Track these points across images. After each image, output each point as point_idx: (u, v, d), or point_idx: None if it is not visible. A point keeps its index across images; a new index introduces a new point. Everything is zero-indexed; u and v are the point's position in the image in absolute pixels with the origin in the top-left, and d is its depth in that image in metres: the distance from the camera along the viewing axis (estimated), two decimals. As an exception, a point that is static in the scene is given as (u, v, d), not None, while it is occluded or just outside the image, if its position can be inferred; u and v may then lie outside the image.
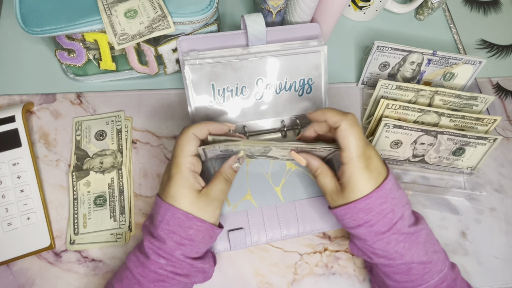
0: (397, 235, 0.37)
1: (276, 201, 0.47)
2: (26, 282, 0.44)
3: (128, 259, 0.39)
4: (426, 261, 0.38)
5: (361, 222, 0.38)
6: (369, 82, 0.57)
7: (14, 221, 0.45)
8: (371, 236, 0.38)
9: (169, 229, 0.37)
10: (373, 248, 0.39)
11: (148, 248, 0.38)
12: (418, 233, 0.38)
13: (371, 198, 0.37)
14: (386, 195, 0.37)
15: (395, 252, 0.38)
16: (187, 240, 0.38)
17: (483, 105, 0.52)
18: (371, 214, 0.37)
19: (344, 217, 0.39)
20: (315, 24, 0.50)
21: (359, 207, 0.37)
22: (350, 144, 0.37)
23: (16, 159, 0.47)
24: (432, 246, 0.39)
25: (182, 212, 0.37)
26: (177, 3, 0.45)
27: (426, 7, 0.62)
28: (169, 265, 0.37)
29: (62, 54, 0.49)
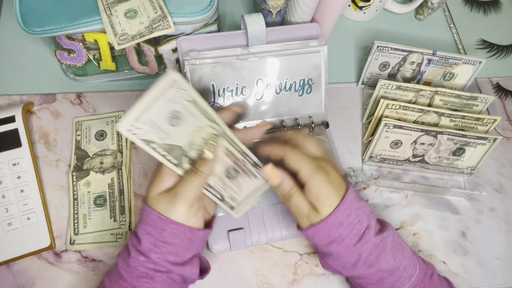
0: (366, 245, 0.37)
1: (277, 200, 0.47)
2: (26, 282, 0.44)
3: (118, 255, 0.39)
4: (394, 267, 0.38)
5: (332, 238, 0.38)
6: (369, 82, 0.57)
7: (14, 221, 0.45)
8: (343, 250, 0.38)
9: (145, 229, 0.37)
10: (345, 262, 0.39)
11: (130, 245, 0.38)
12: (385, 240, 0.38)
13: (339, 212, 0.37)
14: (350, 206, 0.38)
15: (364, 263, 0.38)
16: (162, 243, 0.36)
17: (483, 105, 0.52)
18: (342, 228, 0.37)
19: (315, 236, 0.39)
20: (315, 24, 0.50)
21: (330, 223, 0.37)
22: (302, 162, 0.38)
23: (16, 159, 0.47)
24: (400, 250, 0.39)
25: (156, 214, 0.36)
26: (177, 3, 0.45)
27: (426, 7, 0.62)
28: (148, 263, 0.37)
29: (62, 54, 0.49)
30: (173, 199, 0.36)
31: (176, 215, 0.36)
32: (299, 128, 0.50)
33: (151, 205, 0.37)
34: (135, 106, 0.32)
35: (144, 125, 0.33)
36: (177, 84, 0.35)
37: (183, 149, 0.37)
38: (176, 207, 0.36)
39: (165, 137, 0.35)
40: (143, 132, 0.33)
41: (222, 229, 0.46)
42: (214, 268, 0.46)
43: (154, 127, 0.34)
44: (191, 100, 0.36)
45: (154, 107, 0.33)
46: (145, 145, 0.34)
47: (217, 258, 0.46)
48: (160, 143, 0.35)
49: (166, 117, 0.35)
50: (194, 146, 0.38)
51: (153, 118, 0.34)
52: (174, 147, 0.36)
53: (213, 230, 0.46)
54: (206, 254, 0.46)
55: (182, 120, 0.36)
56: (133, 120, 0.32)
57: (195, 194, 0.37)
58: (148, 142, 0.34)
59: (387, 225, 0.40)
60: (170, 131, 0.35)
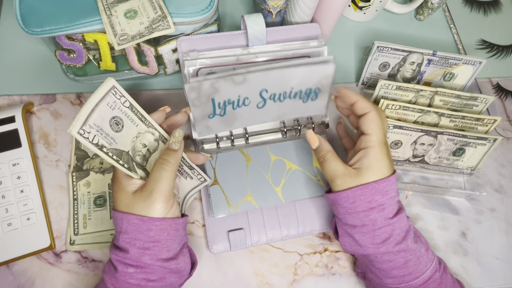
0: (399, 223, 0.39)
1: (277, 201, 0.47)
2: (26, 282, 0.44)
3: (103, 271, 0.38)
4: (416, 249, 0.39)
5: (375, 205, 0.38)
6: (369, 82, 0.57)
7: (14, 221, 0.45)
8: (381, 220, 0.38)
9: (129, 237, 0.36)
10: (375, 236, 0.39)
11: (115, 260, 0.37)
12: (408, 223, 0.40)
13: (390, 181, 0.39)
14: (395, 184, 0.40)
15: (395, 239, 0.38)
16: (151, 243, 0.36)
17: (483, 105, 0.52)
18: (386, 197, 0.38)
19: (357, 198, 0.38)
20: (315, 24, 0.50)
21: (377, 187, 0.38)
22: (378, 130, 0.40)
23: (16, 159, 0.47)
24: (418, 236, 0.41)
25: (136, 217, 0.36)
26: (177, 3, 0.45)
27: (426, 7, 0.62)
28: (139, 273, 0.36)
29: (62, 54, 0.49)
30: (149, 197, 0.36)
31: (156, 212, 0.36)
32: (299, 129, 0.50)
33: (126, 210, 0.37)
34: (81, 110, 0.33)
35: (92, 129, 0.34)
36: (114, 90, 0.36)
37: (130, 155, 0.38)
38: (155, 204, 0.36)
39: (112, 142, 0.36)
40: (92, 136, 0.34)
41: (222, 230, 0.46)
42: (214, 268, 0.46)
43: (101, 131, 0.35)
44: (129, 106, 0.38)
45: (96, 111, 0.34)
46: (98, 149, 0.34)
47: (217, 258, 0.46)
48: (109, 147, 0.35)
49: (109, 123, 0.36)
50: (137, 152, 0.39)
51: (97, 123, 0.35)
52: (122, 152, 0.37)
53: (213, 230, 0.46)
54: (206, 255, 0.46)
55: (123, 126, 0.37)
56: (81, 123, 0.33)
57: (169, 186, 0.37)
58: (99, 146, 0.35)
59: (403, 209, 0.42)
60: (115, 136, 0.36)
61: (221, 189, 0.47)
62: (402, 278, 0.39)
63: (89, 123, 0.34)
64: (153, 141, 0.41)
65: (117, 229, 0.38)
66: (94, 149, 0.34)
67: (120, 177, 0.38)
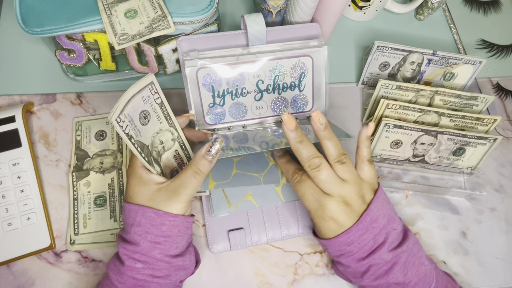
0: (376, 260, 0.38)
1: (277, 201, 0.47)
2: (26, 282, 0.44)
3: (108, 267, 0.39)
4: (404, 282, 0.38)
5: (343, 252, 0.39)
6: (369, 82, 0.57)
7: (14, 221, 0.45)
8: (353, 263, 0.39)
9: (141, 230, 0.37)
10: (354, 272, 0.40)
11: (123, 254, 0.37)
12: (398, 256, 0.38)
13: (350, 232, 0.38)
14: (366, 226, 0.38)
15: (372, 275, 0.39)
16: (162, 238, 0.37)
17: (483, 105, 0.52)
18: (352, 245, 0.38)
19: (327, 248, 0.41)
20: (315, 24, 0.50)
21: (340, 240, 0.38)
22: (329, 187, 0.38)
23: (16, 159, 0.47)
24: (414, 267, 0.39)
25: (152, 210, 0.37)
26: (177, 3, 0.45)
27: (426, 7, 0.62)
28: (146, 269, 0.36)
29: (62, 54, 0.49)
30: (173, 197, 0.37)
31: (174, 210, 0.37)
32: None
33: (145, 204, 0.37)
34: (119, 100, 0.35)
35: (126, 118, 0.35)
36: (151, 86, 0.38)
37: (149, 149, 0.39)
38: (177, 204, 0.37)
39: (138, 134, 0.37)
40: (125, 126, 0.35)
41: (222, 229, 0.46)
42: (214, 268, 0.46)
43: (132, 122, 0.36)
44: (160, 103, 0.40)
45: (131, 102, 0.36)
46: (127, 139, 0.35)
47: (217, 258, 0.46)
48: (136, 139, 0.37)
49: (138, 115, 0.38)
50: (154, 147, 0.40)
51: (130, 114, 0.36)
52: (144, 146, 0.38)
53: (214, 230, 0.46)
54: (206, 254, 0.46)
55: (149, 120, 0.39)
56: (119, 111, 0.34)
57: (194, 192, 0.38)
58: (129, 136, 0.36)
59: (408, 238, 0.40)
60: (141, 129, 0.38)
61: (221, 188, 0.47)
62: None
63: (125, 112, 0.35)
64: (170, 140, 0.42)
65: (128, 221, 0.38)
66: (125, 138, 0.35)
67: (139, 172, 0.39)
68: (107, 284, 0.38)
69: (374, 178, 0.40)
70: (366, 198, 0.39)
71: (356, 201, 0.38)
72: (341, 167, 0.38)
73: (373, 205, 0.39)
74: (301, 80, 0.49)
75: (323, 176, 0.38)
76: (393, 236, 0.39)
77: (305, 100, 0.50)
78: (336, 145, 0.39)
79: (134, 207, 0.37)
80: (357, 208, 0.38)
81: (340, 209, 0.38)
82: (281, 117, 0.39)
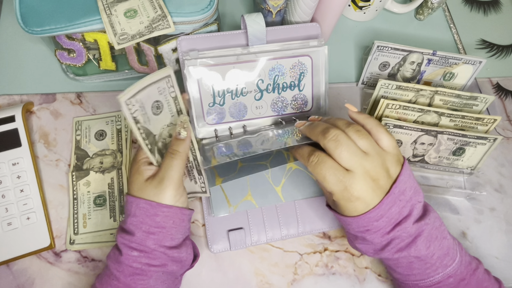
0: (400, 232, 0.37)
1: (277, 200, 0.47)
2: (26, 282, 0.44)
3: (107, 257, 0.39)
4: (426, 255, 0.37)
5: (369, 228, 0.37)
6: (369, 82, 0.57)
7: (14, 221, 0.45)
8: (378, 237, 0.37)
9: (137, 220, 0.37)
10: (375, 245, 0.38)
11: (120, 243, 0.38)
12: (421, 228, 0.37)
13: (381, 207, 0.36)
14: (395, 199, 0.36)
15: (394, 247, 0.38)
16: (156, 228, 0.37)
17: (483, 105, 0.52)
18: (381, 220, 0.36)
19: (350, 224, 0.38)
20: (315, 24, 0.50)
21: (369, 217, 0.36)
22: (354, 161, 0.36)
23: (16, 159, 0.47)
24: (437, 240, 0.38)
25: (145, 201, 0.37)
26: (177, 2, 0.45)
27: (426, 7, 0.62)
28: (142, 257, 0.37)
29: (62, 54, 0.49)
30: (160, 184, 0.38)
31: (165, 199, 0.38)
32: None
33: (138, 195, 0.38)
34: (134, 84, 0.36)
35: (137, 103, 0.36)
36: (168, 79, 0.39)
37: (155, 138, 0.40)
38: (165, 191, 0.38)
39: (146, 121, 0.38)
40: (134, 110, 0.36)
41: (222, 229, 0.46)
42: (214, 267, 0.46)
43: (142, 108, 0.37)
44: (174, 97, 0.40)
45: (146, 90, 0.37)
46: (133, 123, 0.36)
47: (217, 258, 0.46)
48: (143, 125, 0.37)
49: (151, 103, 0.38)
50: (162, 139, 0.41)
51: (143, 100, 0.37)
52: (150, 134, 0.39)
53: (213, 230, 0.46)
54: (206, 254, 0.46)
55: (161, 111, 0.40)
56: (131, 95, 0.35)
57: (179, 175, 0.38)
58: (136, 120, 0.36)
59: (430, 212, 0.39)
60: (151, 117, 0.38)
61: (221, 188, 0.47)
62: (407, 276, 0.40)
63: (137, 97, 0.36)
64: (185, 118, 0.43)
65: (126, 212, 0.39)
66: (131, 121, 0.36)
67: (139, 161, 0.39)
68: (106, 273, 0.38)
69: (396, 146, 0.38)
70: (392, 172, 0.37)
71: (382, 175, 0.36)
72: (357, 135, 0.36)
73: (402, 177, 0.37)
74: (301, 80, 0.49)
75: (343, 145, 0.35)
76: (418, 208, 0.37)
77: (304, 99, 0.50)
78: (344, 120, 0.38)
79: (130, 198, 0.38)
80: (383, 184, 0.36)
81: (367, 186, 0.35)
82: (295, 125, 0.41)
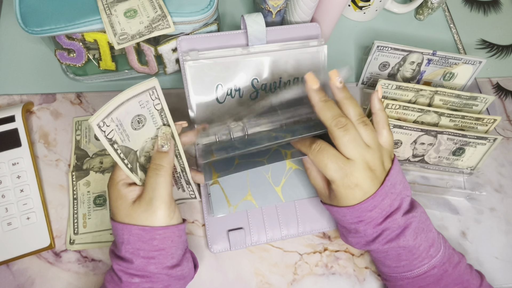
0: (390, 224, 0.38)
1: (277, 200, 0.47)
2: (26, 282, 0.44)
3: (105, 279, 0.38)
4: (413, 246, 0.39)
5: (362, 219, 0.38)
6: (369, 82, 0.57)
7: (14, 220, 0.45)
8: (370, 228, 0.39)
9: (132, 247, 0.35)
10: (366, 237, 0.40)
11: (118, 271, 0.36)
12: (410, 220, 0.39)
13: (375, 197, 0.37)
14: (387, 191, 0.38)
15: (384, 238, 0.39)
16: (155, 252, 0.36)
17: (483, 105, 0.52)
18: (374, 211, 0.38)
19: (345, 215, 0.39)
20: (315, 24, 0.50)
21: (364, 206, 0.38)
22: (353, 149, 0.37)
23: (16, 159, 0.47)
24: (423, 233, 0.40)
25: (137, 227, 0.35)
26: (177, 2, 0.45)
27: (426, 7, 0.62)
28: (144, 282, 0.35)
29: (62, 54, 0.49)
30: (150, 206, 0.35)
31: (158, 221, 0.36)
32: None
33: (127, 222, 0.36)
34: (110, 102, 0.32)
35: (112, 123, 0.33)
36: (152, 91, 0.36)
37: (136, 154, 0.37)
38: (156, 212, 0.35)
39: (125, 139, 0.35)
40: (109, 130, 0.33)
41: (222, 229, 0.46)
42: (214, 268, 0.46)
43: (120, 126, 0.34)
44: (160, 109, 0.37)
45: (123, 106, 0.34)
46: (109, 145, 0.33)
47: (217, 258, 0.46)
48: (121, 144, 0.35)
49: (131, 119, 0.35)
50: (145, 152, 0.38)
51: (120, 118, 0.34)
52: (130, 151, 0.36)
53: (213, 230, 0.46)
54: (206, 254, 0.46)
55: (144, 125, 0.37)
56: (103, 116, 0.32)
57: (168, 192, 0.36)
58: (112, 142, 0.34)
59: (417, 206, 0.41)
60: (131, 133, 0.36)
61: (221, 188, 0.47)
62: (395, 268, 0.41)
63: (112, 116, 0.33)
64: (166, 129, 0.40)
65: (117, 239, 0.37)
66: (106, 144, 0.33)
67: (118, 184, 0.37)
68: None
69: (392, 145, 0.40)
70: (386, 164, 0.39)
71: (378, 167, 0.38)
72: (364, 128, 0.37)
73: (393, 170, 0.39)
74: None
75: (350, 136, 0.36)
76: (406, 202, 0.39)
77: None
78: (356, 105, 0.38)
79: (118, 225, 0.36)
80: (379, 174, 0.38)
81: (366, 175, 0.37)
82: (305, 77, 0.39)
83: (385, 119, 0.40)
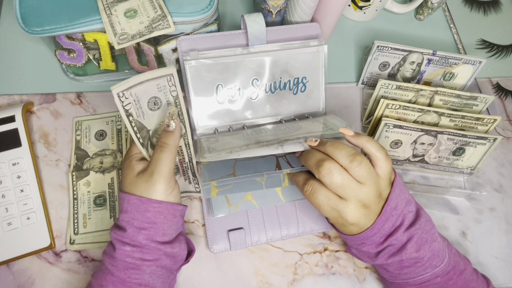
0: (392, 241, 0.39)
1: (277, 201, 0.47)
2: (26, 282, 0.44)
3: (103, 253, 0.39)
4: (416, 257, 0.39)
5: (364, 242, 0.40)
6: (369, 82, 0.57)
7: (14, 221, 0.45)
8: (373, 248, 0.40)
9: (128, 216, 0.37)
10: (369, 253, 0.41)
11: (113, 239, 0.38)
12: (412, 234, 0.39)
13: (374, 226, 0.38)
14: (387, 216, 0.39)
15: (386, 253, 0.40)
16: (147, 224, 0.37)
17: (483, 105, 0.52)
18: (375, 236, 0.39)
19: (347, 240, 0.42)
20: (315, 24, 0.50)
21: (363, 235, 0.39)
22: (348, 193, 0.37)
23: (16, 159, 0.47)
24: (427, 244, 0.39)
25: (136, 197, 0.37)
26: (177, 2, 0.45)
27: (426, 7, 0.62)
28: (135, 252, 0.37)
29: (62, 54, 0.49)
30: (150, 178, 0.38)
31: (156, 194, 0.38)
32: None
33: (129, 191, 0.38)
34: (131, 78, 0.36)
35: (130, 96, 0.37)
36: (170, 77, 0.39)
37: (149, 133, 0.40)
38: (155, 185, 0.37)
39: (140, 115, 0.39)
40: (127, 102, 0.37)
41: (222, 229, 0.46)
42: (214, 267, 0.46)
43: (137, 102, 0.38)
44: (175, 96, 0.40)
45: (143, 85, 0.38)
46: (125, 116, 0.37)
47: (217, 258, 0.46)
48: (135, 118, 0.38)
49: (148, 99, 0.39)
50: (156, 134, 0.41)
51: (139, 94, 0.38)
52: (143, 128, 0.39)
53: (213, 230, 0.46)
54: (206, 254, 0.46)
55: (159, 108, 0.40)
56: (126, 87, 0.36)
57: (169, 168, 0.38)
58: (128, 113, 0.37)
59: (420, 217, 0.40)
60: (146, 112, 0.39)
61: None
62: (397, 276, 0.42)
63: (132, 91, 0.37)
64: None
65: (120, 208, 0.39)
66: (122, 114, 0.36)
67: (131, 156, 0.40)
68: (101, 268, 0.38)
69: (391, 170, 0.39)
70: (383, 194, 0.38)
71: (374, 202, 0.37)
72: (358, 168, 0.36)
73: (392, 194, 0.38)
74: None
75: (337, 180, 0.36)
76: (409, 218, 0.40)
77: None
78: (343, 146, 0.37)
79: (122, 194, 0.38)
80: (375, 208, 0.38)
81: (360, 213, 0.37)
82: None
83: (377, 148, 0.38)
